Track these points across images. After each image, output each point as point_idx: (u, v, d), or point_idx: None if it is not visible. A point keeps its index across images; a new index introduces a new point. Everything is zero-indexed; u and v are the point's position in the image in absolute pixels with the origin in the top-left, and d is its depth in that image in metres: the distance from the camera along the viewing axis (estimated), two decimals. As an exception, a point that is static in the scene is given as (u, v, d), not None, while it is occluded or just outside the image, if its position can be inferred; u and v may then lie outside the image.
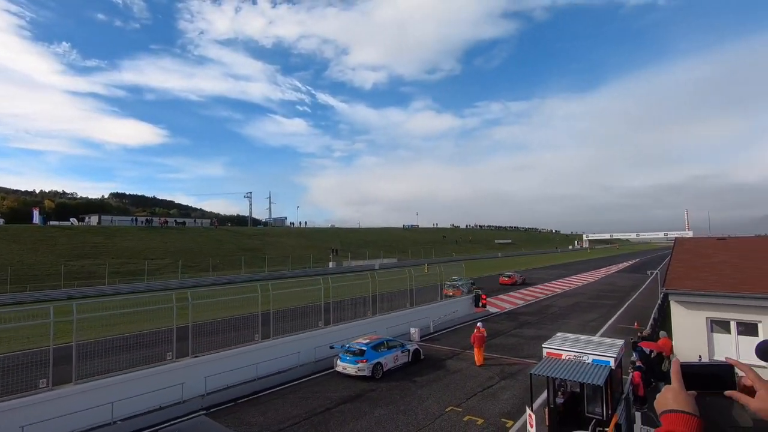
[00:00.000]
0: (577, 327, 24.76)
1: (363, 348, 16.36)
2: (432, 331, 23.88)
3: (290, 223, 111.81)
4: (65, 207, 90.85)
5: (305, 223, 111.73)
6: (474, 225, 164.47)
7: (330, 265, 64.82)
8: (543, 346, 11.91)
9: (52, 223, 63.43)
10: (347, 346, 16.85)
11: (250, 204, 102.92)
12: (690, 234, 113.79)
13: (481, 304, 29.56)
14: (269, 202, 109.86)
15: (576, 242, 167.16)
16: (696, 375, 1.42)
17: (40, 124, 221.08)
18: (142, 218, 74.89)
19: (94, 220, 71.75)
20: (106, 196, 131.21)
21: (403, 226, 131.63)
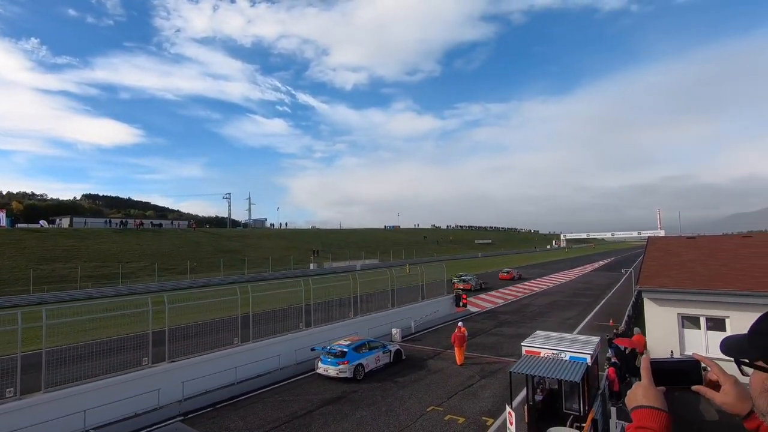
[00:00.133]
0: (555, 325, 25.23)
1: (344, 349, 16.29)
2: (413, 331, 23.96)
3: (270, 224, 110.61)
4: (35, 209, 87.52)
5: (286, 224, 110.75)
6: (455, 225, 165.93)
7: (311, 266, 64.34)
8: (522, 344, 12.09)
9: (21, 225, 61.06)
10: (328, 347, 16.76)
11: (229, 205, 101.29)
12: (662, 233, 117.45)
13: (461, 304, 29.83)
14: (249, 203, 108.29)
15: (554, 242, 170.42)
16: (664, 371, 1.46)
17: (7, 122, 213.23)
18: (117, 220, 72.73)
19: (65, 222, 69.34)
20: (78, 198, 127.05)
21: (384, 227, 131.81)
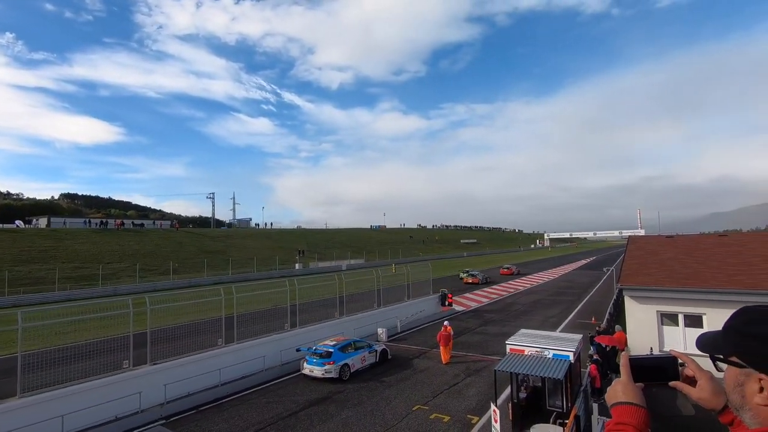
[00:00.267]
0: (538, 323, 25.59)
1: (330, 350, 16.23)
2: (399, 330, 24.01)
3: (255, 224, 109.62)
4: (10, 208, 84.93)
5: (271, 224, 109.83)
6: (440, 225, 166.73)
7: (296, 266, 63.91)
8: (506, 342, 12.23)
9: (-5, 225, 59.19)
10: (314, 348, 16.67)
11: (213, 205, 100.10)
12: (642, 232, 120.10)
13: (447, 303, 30.00)
14: (233, 203, 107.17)
15: (537, 241, 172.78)
16: (643, 367, 1.49)
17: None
18: (97, 220, 71.03)
19: (42, 222, 67.48)
20: (56, 197, 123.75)
21: (370, 227, 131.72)
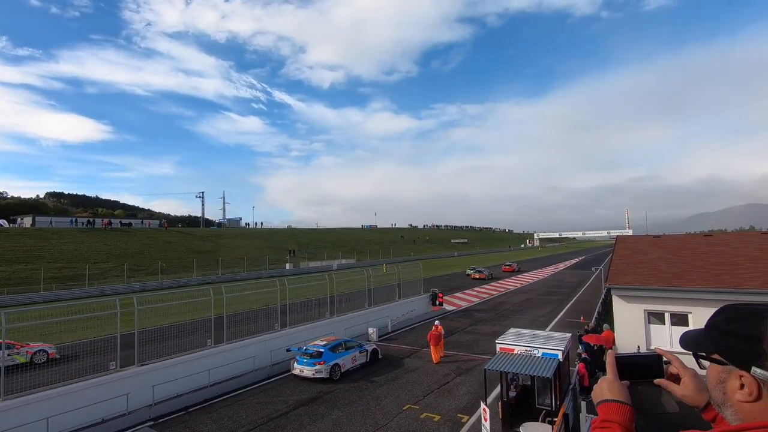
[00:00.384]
0: (528, 322, 25.79)
1: (320, 350, 16.18)
2: (390, 330, 24.02)
3: (245, 223, 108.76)
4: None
5: (261, 223, 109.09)
6: (431, 225, 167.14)
7: (287, 266, 63.63)
8: (496, 341, 12.30)
9: (-22, 224, 58.01)
10: (304, 348, 16.61)
11: (203, 204, 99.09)
12: (630, 232, 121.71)
13: (437, 303, 30.09)
14: (223, 203, 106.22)
15: (527, 241, 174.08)
16: (628, 365, 1.51)
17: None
18: (83, 219, 69.92)
19: (27, 221, 66.26)
20: (41, 196, 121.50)
21: (361, 227, 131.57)
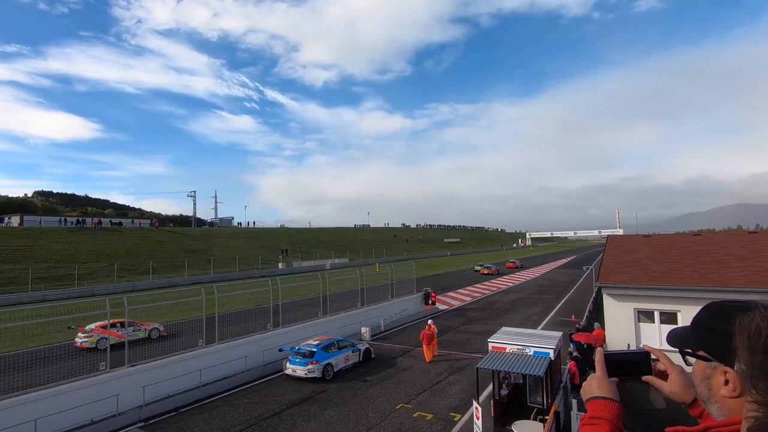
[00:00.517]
0: (520, 321, 25.96)
1: (313, 349, 16.15)
2: (383, 329, 24.04)
3: (238, 223, 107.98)
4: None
5: (253, 223, 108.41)
6: (424, 224, 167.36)
7: (279, 266, 63.37)
8: (489, 340, 12.36)
9: (-36, 224, 57.00)
10: (297, 348, 16.56)
11: (194, 203, 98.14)
12: (621, 232, 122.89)
13: (430, 302, 30.16)
14: (215, 202, 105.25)
15: (519, 240, 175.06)
16: (617, 362, 1.52)
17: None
18: (73, 218, 69.01)
19: (15, 220, 65.23)
20: (29, 195, 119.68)
21: (354, 226, 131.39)
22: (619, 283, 16.55)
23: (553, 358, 11.08)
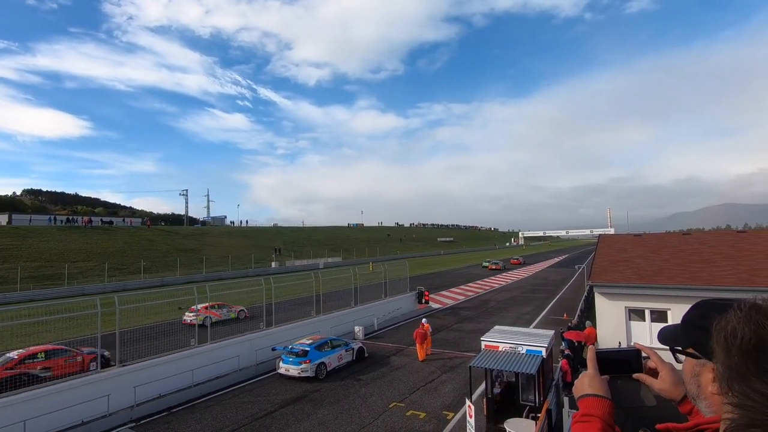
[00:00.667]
0: (513, 320, 26.11)
1: (306, 348, 16.12)
2: (376, 328, 24.06)
3: (230, 222, 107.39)
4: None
5: (246, 222, 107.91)
6: (418, 224, 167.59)
7: (272, 265, 63.13)
8: (482, 339, 12.42)
9: (-49, 222, 56.10)
10: (290, 347, 16.52)
11: (187, 202, 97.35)
12: (612, 231, 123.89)
13: (424, 301, 30.22)
14: (207, 200, 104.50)
15: (512, 239, 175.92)
16: (608, 360, 1.54)
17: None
18: (62, 217, 68.16)
19: (3, 219, 64.29)
20: (18, 193, 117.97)
21: (348, 225, 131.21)
22: (610, 282, 16.71)
23: (545, 357, 11.17)
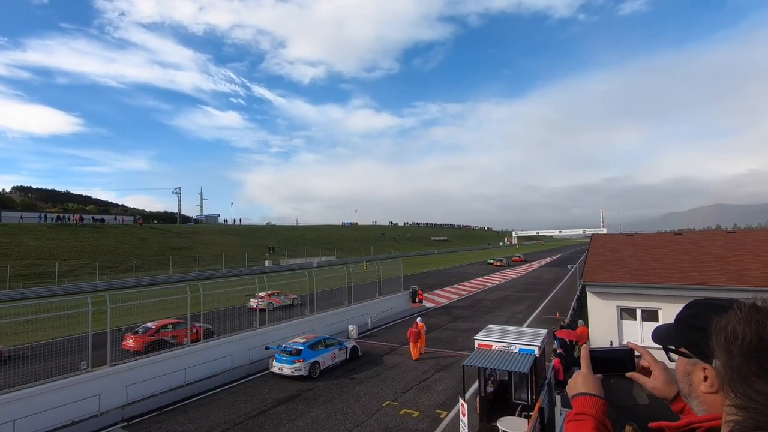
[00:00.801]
0: (506, 319, 26.23)
1: (300, 347, 16.08)
2: (370, 327, 24.06)
3: (224, 220, 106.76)
4: (-45, 201, 79.35)
5: (240, 220, 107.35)
6: (412, 222, 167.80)
7: (266, 263, 62.88)
8: (475, 338, 12.46)
9: (-62, 219, 55.25)
10: (283, 346, 16.47)
11: (179, 200, 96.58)
12: (604, 231, 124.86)
13: (417, 300, 30.26)
14: (200, 198, 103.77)
15: (506, 239, 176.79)
16: (602, 359, 1.55)
17: None
18: (53, 215, 67.38)
19: (-8, 216, 63.42)
20: (7, 190, 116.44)
21: (342, 224, 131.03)
22: (602, 282, 16.83)
23: (537, 355, 11.23)
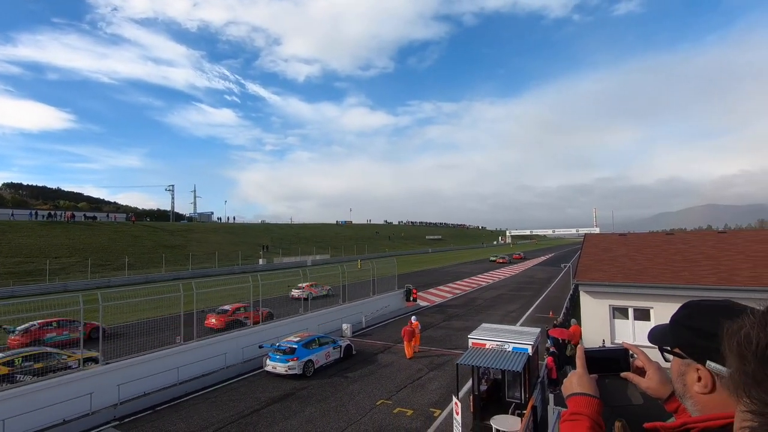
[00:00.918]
0: (500, 317, 26.34)
1: (293, 346, 16.05)
2: (364, 326, 24.06)
3: (217, 218, 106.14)
4: (-56, 198, 78.24)
5: (233, 218, 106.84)
6: (406, 221, 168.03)
7: (260, 262, 62.68)
8: (469, 336, 12.51)
9: (-74, 216, 54.44)
10: (277, 344, 16.43)
11: (173, 197, 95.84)
12: (597, 230, 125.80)
13: (412, 299, 30.29)
14: (194, 196, 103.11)
15: (500, 238, 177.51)
16: (597, 359, 1.56)
17: None
18: (44, 212, 66.65)
19: (-19, 213, 62.63)
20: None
21: (336, 222, 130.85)
22: (595, 281, 16.95)
23: (531, 354, 11.28)
